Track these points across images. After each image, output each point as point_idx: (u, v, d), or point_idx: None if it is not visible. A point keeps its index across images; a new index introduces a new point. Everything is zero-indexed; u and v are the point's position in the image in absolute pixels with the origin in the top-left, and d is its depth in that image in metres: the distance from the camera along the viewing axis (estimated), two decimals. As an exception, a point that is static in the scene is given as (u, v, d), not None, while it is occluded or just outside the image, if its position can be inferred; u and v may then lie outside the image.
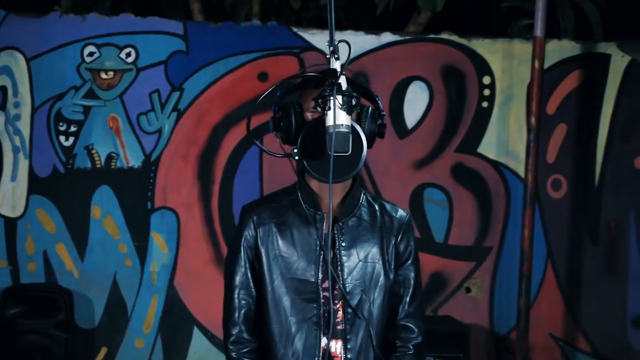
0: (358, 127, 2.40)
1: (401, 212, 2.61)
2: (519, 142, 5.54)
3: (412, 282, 2.58)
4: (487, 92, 5.59)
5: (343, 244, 2.49)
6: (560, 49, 5.61)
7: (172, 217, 5.47)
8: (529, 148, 4.91)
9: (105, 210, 5.43)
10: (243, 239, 2.52)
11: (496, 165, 5.59)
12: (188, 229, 5.48)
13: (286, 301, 2.46)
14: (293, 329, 2.45)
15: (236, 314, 2.49)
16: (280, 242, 2.49)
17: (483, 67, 5.59)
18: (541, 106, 5.20)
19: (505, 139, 5.58)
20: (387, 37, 5.54)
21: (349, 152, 2.31)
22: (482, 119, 5.59)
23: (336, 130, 2.29)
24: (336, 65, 2.37)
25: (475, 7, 5.83)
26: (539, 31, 4.90)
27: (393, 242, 2.56)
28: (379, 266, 2.51)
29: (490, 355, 5.65)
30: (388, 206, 2.61)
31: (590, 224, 5.67)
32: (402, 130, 5.56)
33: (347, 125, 2.31)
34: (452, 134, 5.59)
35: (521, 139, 5.54)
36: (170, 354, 5.48)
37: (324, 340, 2.46)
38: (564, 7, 6.14)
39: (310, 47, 5.50)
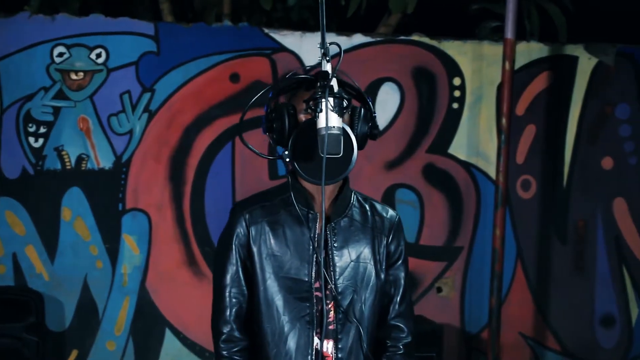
0: (348, 129, 2.41)
1: (392, 213, 2.64)
2: (489, 143, 5.60)
3: (402, 282, 2.61)
4: (457, 93, 5.64)
5: (335, 244, 2.50)
6: (528, 51, 5.67)
7: (144, 219, 5.44)
8: (500, 149, 4.95)
9: (75, 212, 5.39)
10: (235, 237, 2.52)
11: (467, 165, 5.64)
12: (160, 231, 5.45)
13: (279, 300, 2.47)
14: (286, 328, 2.46)
15: (227, 312, 2.49)
16: (272, 240, 2.50)
17: (453, 68, 5.63)
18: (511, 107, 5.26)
19: (476, 140, 5.63)
20: (359, 38, 5.57)
21: (340, 154, 2.32)
22: (453, 120, 5.64)
23: (328, 132, 2.30)
24: (327, 67, 2.38)
25: (444, 9, 5.87)
26: (509, 33, 4.95)
27: (384, 242, 2.58)
28: (370, 266, 2.53)
29: (461, 355, 5.69)
30: (378, 206, 2.63)
31: (559, 224, 5.75)
32: (373, 131, 5.58)
33: (339, 127, 2.32)
34: (423, 135, 5.63)
35: (491, 139, 5.60)
36: (142, 356, 5.46)
37: (315, 340, 2.47)
38: (530, 9, 6.21)
39: (282, 48, 5.51)
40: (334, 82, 2.37)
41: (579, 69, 5.75)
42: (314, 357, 2.47)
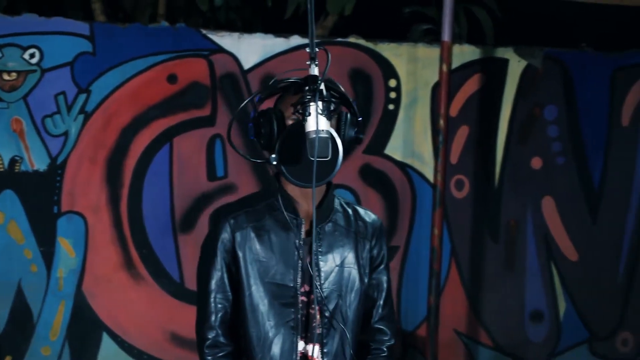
0: (334, 133, 2.44)
1: (374, 217, 2.67)
2: (424, 144, 5.71)
3: (385, 285, 2.65)
4: (393, 94, 5.72)
5: (321, 249, 2.52)
6: (461, 53, 5.79)
7: (80, 222, 5.36)
8: (438, 150, 5.05)
9: (9, 215, 5.28)
10: (219, 243, 2.52)
11: (402, 166, 5.73)
12: (96, 234, 5.38)
13: (263, 306, 2.48)
14: (270, 334, 2.47)
15: (212, 318, 2.49)
16: (258, 246, 2.50)
17: (389, 70, 5.72)
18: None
19: (411, 141, 5.72)
20: (296, 40, 5.59)
21: (329, 158, 2.35)
22: (389, 121, 5.72)
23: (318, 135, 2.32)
24: (315, 71, 2.40)
25: (380, 11, 5.95)
26: (446, 36, 5.04)
27: (368, 246, 2.62)
28: (354, 271, 2.55)
29: (396, 352, 5.78)
30: (361, 211, 2.66)
31: (491, 223, 5.89)
32: (311, 133, 5.61)
33: (327, 131, 2.34)
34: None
35: (426, 140, 5.71)
36: (78, 360, 5.39)
37: (301, 344, 2.49)
38: (458, 13, 6.35)
39: (220, 50, 5.49)
40: (322, 86, 2.39)
41: (509, 71, 5.90)
42: None
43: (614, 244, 6.07)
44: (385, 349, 2.64)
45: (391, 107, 5.73)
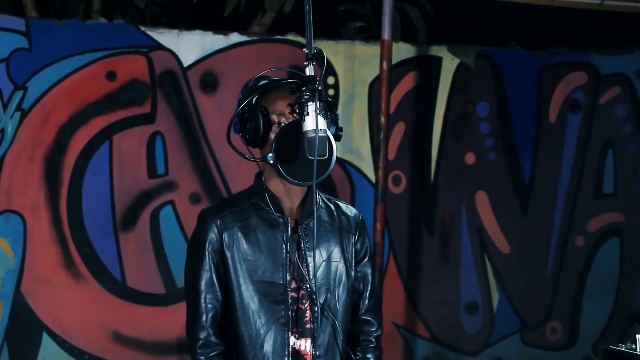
0: (329, 133, 2.48)
1: (355, 211, 2.73)
2: (362, 140, 5.80)
3: (370, 278, 2.72)
4: (331, 91, 5.80)
5: (308, 245, 2.57)
6: (397, 51, 5.89)
7: (18, 221, 5.27)
8: (380, 146, 5.13)
9: (-57, 215, 5.17)
10: (207, 243, 2.53)
11: (341, 162, 5.81)
12: (35, 233, 5.30)
13: (254, 304, 2.51)
14: (262, 331, 2.51)
15: (203, 318, 2.51)
16: (246, 245, 2.53)
17: (327, 67, 5.77)
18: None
19: (350, 137, 5.81)
20: (235, 37, 5.61)
21: (327, 156, 2.39)
22: (328, 118, 5.77)
23: (318, 135, 2.36)
24: (312, 70, 2.44)
25: (316, 9, 5.99)
26: (386, 34, 5.13)
27: (352, 240, 2.68)
28: (341, 265, 2.61)
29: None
30: (342, 205, 2.72)
31: (427, 217, 6.02)
32: (251, 130, 5.64)
33: (325, 130, 2.38)
34: (299, 133, 5.73)
35: (364, 137, 5.80)
36: (17, 362, 5.30)
37: (292, 340, 2.53)
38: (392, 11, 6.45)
39: (159, 47, 5.48)
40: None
41: (443, 69, 6.04)
42: (290, 357, 2.54)
43: (544, 236, 6.27)
44: (373, 340, 2.72)
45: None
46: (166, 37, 5.48)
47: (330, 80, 5.78)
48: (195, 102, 5.52)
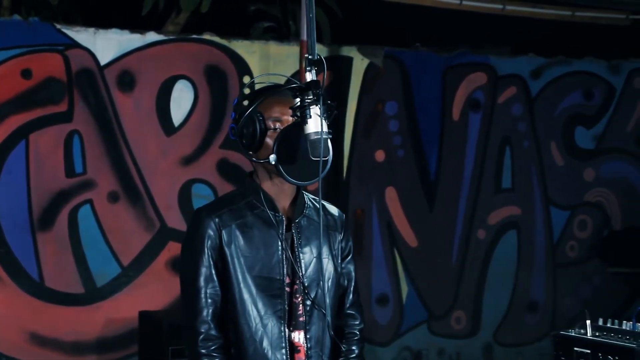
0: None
1: (338, 210, 2.87)
2: (277, 138, 5.90)
3: (353, 274, 2.87)
4: (247, 91, 5.86)
5: (300, 242, 2.68)
6: (309, 51, 6.04)
7: None
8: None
9: None
10: (206, 240, 2.60)
11: (258, 160, 5.89)
12: (-52, 234, 5.19)
13: (252, 298, 2.62)
14: (261, 325, 2.62)
15: (204, 312, 2.59)
16: (243, 242, 2.63)
17: (243, 67, 5.87)
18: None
19: (265, 135, 5.89)
20: (152, 36, 5.63)
21: (328, 157, 2.51)
22: (244, 116, 5.85)
23: (319, 137, 2.46)
24: (309, 76, 2.53)
25: (230, 9, 6.08)
26: (304, 35, 5.27)
27: (338, 238, 2.82)
28: (329, 261, 2.75)
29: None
30: (327, 205, 2.84)
31: (341, 213, 6.18)
32: (169, 128, 5.68)
33: (327, 132, 2.49)
34: (216, 131, 5.81)
35: (277, 135, 5.91)
36: None
37: (287, 332, 2.64)
38: (295, 12, 6.59)
39: (76, 45, 5.44)
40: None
41: (354, 68, 6.23)
42: (287, 349, 2.65)
43: (448, 230, 6.55)
44: (357, 333, 2.87)
45: (246, 103, 5.85)
46: (82, 36, 5.45)
47: (246, 79, 5.87)
48: (112, 101, 5.51)
